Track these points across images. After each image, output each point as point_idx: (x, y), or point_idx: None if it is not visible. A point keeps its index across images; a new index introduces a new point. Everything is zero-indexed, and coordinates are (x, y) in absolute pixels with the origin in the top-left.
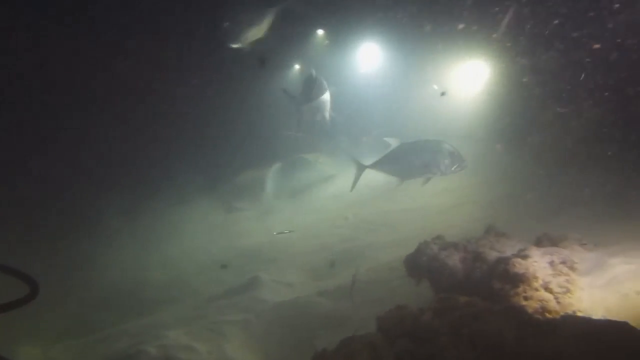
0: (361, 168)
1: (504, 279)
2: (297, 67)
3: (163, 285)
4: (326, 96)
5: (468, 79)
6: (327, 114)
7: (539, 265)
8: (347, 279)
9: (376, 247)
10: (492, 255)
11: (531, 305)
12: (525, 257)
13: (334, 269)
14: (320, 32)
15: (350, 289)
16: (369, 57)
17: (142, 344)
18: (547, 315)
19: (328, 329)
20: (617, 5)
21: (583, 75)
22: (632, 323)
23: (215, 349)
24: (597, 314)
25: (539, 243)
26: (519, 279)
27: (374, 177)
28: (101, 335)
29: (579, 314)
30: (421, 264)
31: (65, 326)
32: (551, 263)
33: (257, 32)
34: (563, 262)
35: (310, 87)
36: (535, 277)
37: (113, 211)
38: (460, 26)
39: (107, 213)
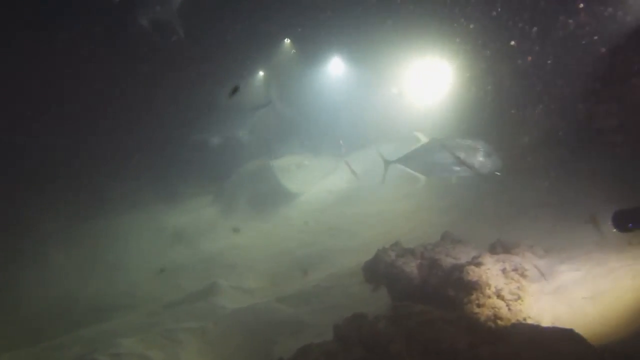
0: (387, 163)
1: (458, 287)
2: (261, 73)
3: (118, 292)
4: None
5: (427, 83)
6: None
7: (491, 272)
8: (306, 284)
9: (336, 252)
10: (448, 262)
11: (484, 313)
12: (478, 264)
13: (307, 276)
14: (287, 40)
15: None
16: (334, 67)
17: (95, 352)
18: (499, 322)
19: (286, 336)
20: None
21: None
22: (578, 328)
23: (170, 357)
24: (546, 320)
25: (492, 250)
26: (472, 287)
27: (335, 182)
28: (53, 343)
29: (529, 320)
30: (379, 271)
31: (16, 334)
32: (503, 270)
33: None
34: (515, 270)
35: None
36: (488, 285)
37: (51, 215)
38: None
39: (44, 217)
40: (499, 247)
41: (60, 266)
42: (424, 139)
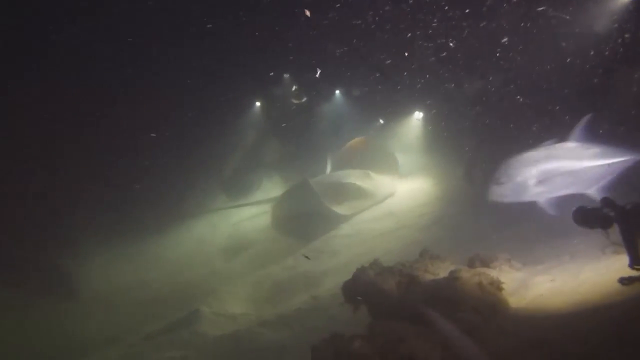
0: None
1: (435, 303)
2: (257, 104)
3: (99, 324)
4: None
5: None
6: None
7: (468, 287)
8: (289, 307)
9: (318, 274)
10: (426, 278)
11: (461, 327)
12: (455, 279)
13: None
14: (286, 75)
15: None
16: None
17: None
18: (476, 335)
19: None
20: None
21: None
22: (552, 335)
23: None
24: (523, 331)
25: (471, 264)
26: (449, 302)
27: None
28: None
29: (507, 333)
30: (358, 290)
31: None
32: (479, 284)
33: None
34: (490, 283)
35: None
36: (465, 300)
37: None
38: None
39: None
40: (477, 261)
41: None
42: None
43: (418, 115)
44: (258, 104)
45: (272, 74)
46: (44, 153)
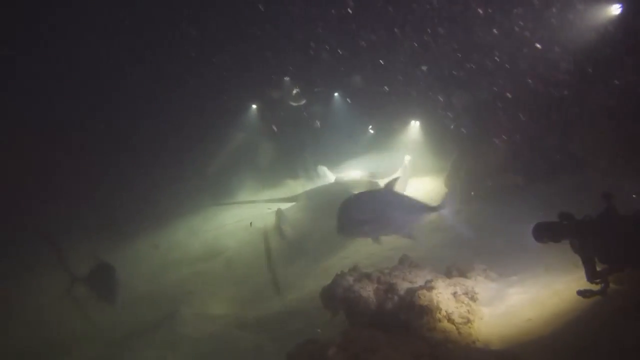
0: None
1: (410, 311)
2: (254, 106)
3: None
4: None
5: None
6: None
7: (443, 296)
8: (268, 310)
9: (301, 276)
10: (404, 286)
11: (434, 337)
12: (430, 288)
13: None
14: (287, 79)
15: None
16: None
17: None
18: (449, 345)
19: None
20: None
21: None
22: (521, 348)
23: None
24: (494, 342)
25: (448, 273)
26: (424, 311)
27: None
28: None
29: (477, 344)
30: (337, 296)
31: None
32: (454, 294)
33: None
34: (465, 293)
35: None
36: (439, 309)
37: None
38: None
39: None
40: (455, 271)
41: None
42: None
43: (414, 123)
44: (254, 106)
45: (273, 77)
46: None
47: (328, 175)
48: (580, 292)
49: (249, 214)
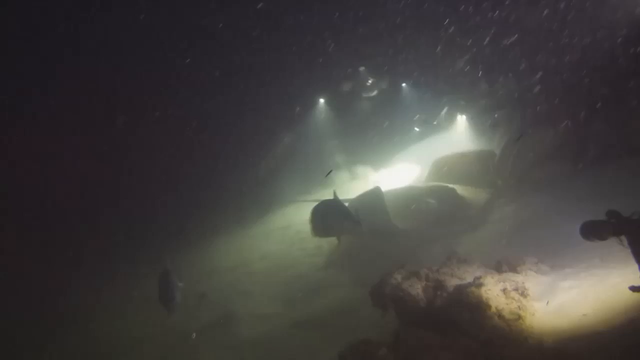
0: None
1: (460, 308)
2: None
3: (138, 324)
4: None
5: None
6: None
7: (492, 293)
8: (321, 308)
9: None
10: (453, 282)
11: (484, 334)
12: (479, 285)
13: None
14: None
15: None
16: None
17: None
18: (500, 342)
19: None
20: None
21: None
22: (576, 345)
23: None
24: (547, 339)
25: (498, 267)
26: (473, 308)
27: None
28: None
29: (530, 340)
30: (385, 294)
31: None
32: (504, 290)
33: None
34: (515, 289)
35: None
36: (489, 306)
37: None
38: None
39: None
40: (505, 265)
41: None
42: None
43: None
44: (322, 100)
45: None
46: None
47: (368, 176)
48: (632, 288)
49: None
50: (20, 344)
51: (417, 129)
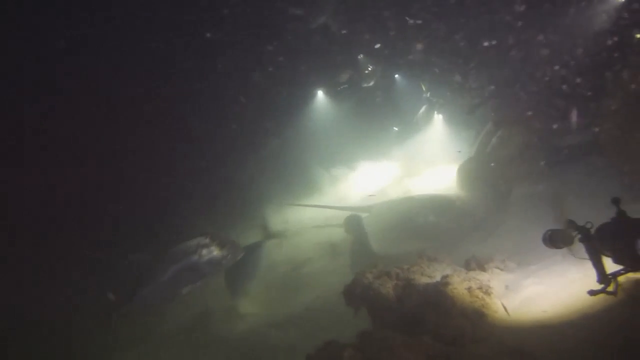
0: None
1: (426, 308)
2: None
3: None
4: None
5: None
6: None
7: (457, 292)
8: (299, 307)
9: (325, 273)
10: (422, 281)
11: (449, 333)
12: (445, 284)
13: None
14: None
15: None
16: None
17: None
18: (463, 341)
19: None
20: None
21: None
22: (537, 341)
23: None
24: (507, 337)
25: (467, 266)
26: (439, 308)
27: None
28: None
29: (492, 338)
30: (357, 293)
31: None
32: (469, 289)
33: None
34: (479, 288)
35: None
36: (454, 305)
37: None
38: None
39: None
40: (473, 263)
41: None
42: None
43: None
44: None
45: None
46: None
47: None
48: (591, 292)
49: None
50: None
51: (395, 128)
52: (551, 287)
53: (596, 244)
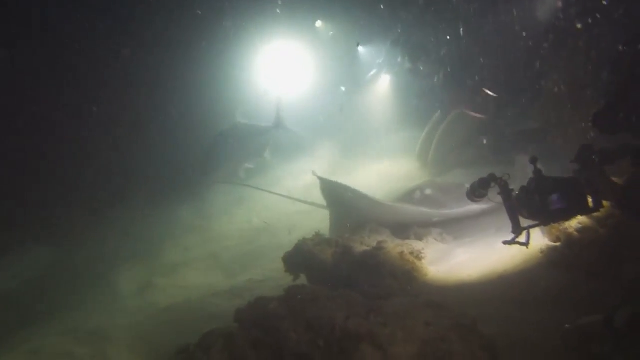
0: None
1: (360, 270)
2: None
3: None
4: None
5: None
6: None
7: (389, 255)
8: (243, 279)
9: (275, 248)
10: (360, 249)
11: (375, 292)
12: (379, 249)
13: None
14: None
15: None
16: None
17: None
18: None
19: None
20: None
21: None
22: (457, 297)
23: (97, 352)
24: (433, 295)
25: (406, 238)
26: (370, 268)
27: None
28: None
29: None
30: (298, 261)
31: None
32: (401, 253)
33: None
34: (411, 253)
35: None
36: (384, 266)
37: None
38: None
39: None
40: (413, 236)
41: None
42: None
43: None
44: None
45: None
46: None
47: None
48: (505, 242)
49: None
50: None
51: (342, 88)
52: (480, 255)
53: (513, 201)
